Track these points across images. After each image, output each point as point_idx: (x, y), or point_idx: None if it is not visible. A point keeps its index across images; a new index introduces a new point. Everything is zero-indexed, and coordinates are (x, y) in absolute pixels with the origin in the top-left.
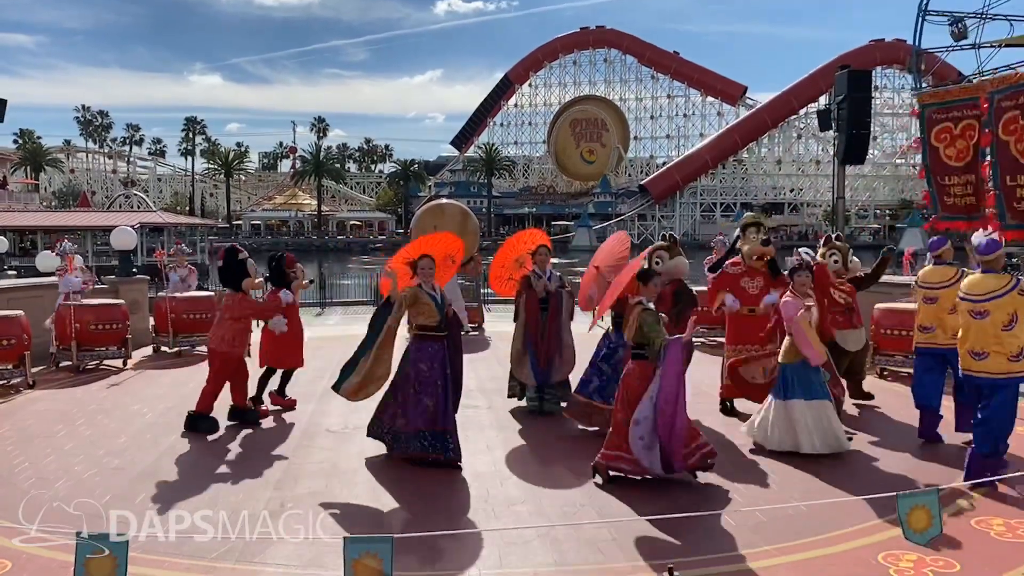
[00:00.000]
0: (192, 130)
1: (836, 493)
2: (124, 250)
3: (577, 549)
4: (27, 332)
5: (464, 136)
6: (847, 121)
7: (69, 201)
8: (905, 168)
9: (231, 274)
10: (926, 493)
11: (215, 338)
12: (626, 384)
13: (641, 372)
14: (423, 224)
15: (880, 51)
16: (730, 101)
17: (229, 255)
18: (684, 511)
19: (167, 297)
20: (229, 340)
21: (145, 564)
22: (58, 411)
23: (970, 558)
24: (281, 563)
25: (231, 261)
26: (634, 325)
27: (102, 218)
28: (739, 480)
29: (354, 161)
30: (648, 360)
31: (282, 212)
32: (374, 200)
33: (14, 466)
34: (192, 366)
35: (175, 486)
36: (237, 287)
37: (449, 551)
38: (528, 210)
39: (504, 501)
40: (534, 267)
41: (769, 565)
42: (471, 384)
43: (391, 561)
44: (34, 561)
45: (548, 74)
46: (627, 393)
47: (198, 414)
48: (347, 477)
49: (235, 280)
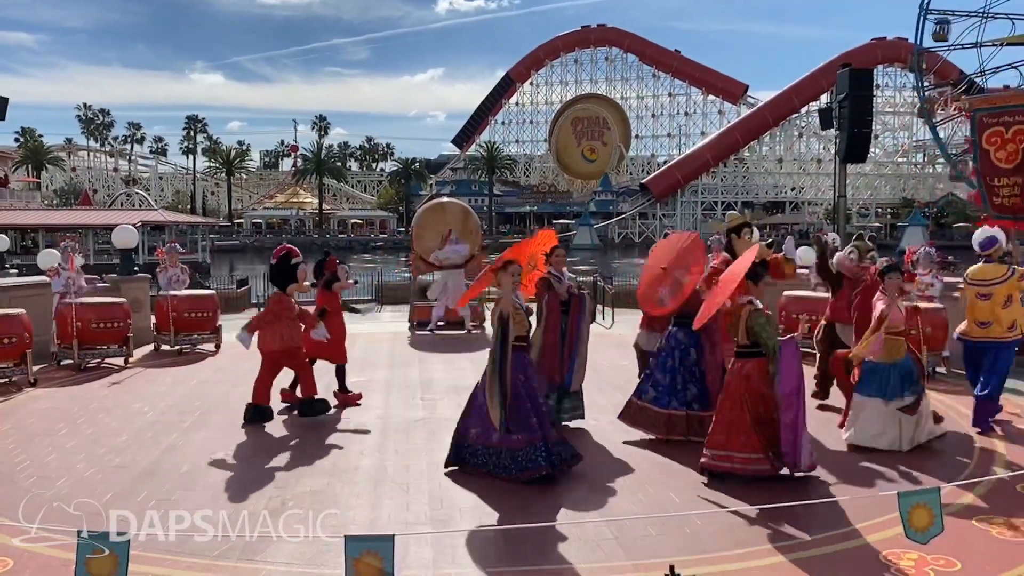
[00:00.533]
0: (193, 128)
1: (837, 492)
2: (126, 248)
3: (578, 548)
4: (28, 330)
5: (465, 134)
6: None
7: (71, 199)
8: (906, 167)
9: (282, 276)
10: (927, 492)
11: (264, 339)
12: (741, 382)
13: (752, 371)
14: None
15: (881, 49)
16: (731, 99)
17: (283, 258)
18: (685, 510)
19: (168, 296)
20: (279, 337)
21: (146, 562)
22: (59, 409)
23: (971, 557)
24: (282, 561)
25: (284, 264)
26: (744, 325)
27: (103, 216)
28: (740, 479)
29: (355, 160)
30: (760, 359)
31: (283, 211)
32: (375, 199)
33: (15, 464)
34: (193, 364)
35: (176, 484)
36: (284, 288)
37: (450, 549)
38: (529, 208)
39: (505, 500)
40: (549, 269)
41: (770, 564)
42: (472, 383)
43: (392, 559)
44: (35, 559)
45: (549, 72)
46: (743, 391)
47: (255, 406)
48: (348, 476)
49: (284, 282)
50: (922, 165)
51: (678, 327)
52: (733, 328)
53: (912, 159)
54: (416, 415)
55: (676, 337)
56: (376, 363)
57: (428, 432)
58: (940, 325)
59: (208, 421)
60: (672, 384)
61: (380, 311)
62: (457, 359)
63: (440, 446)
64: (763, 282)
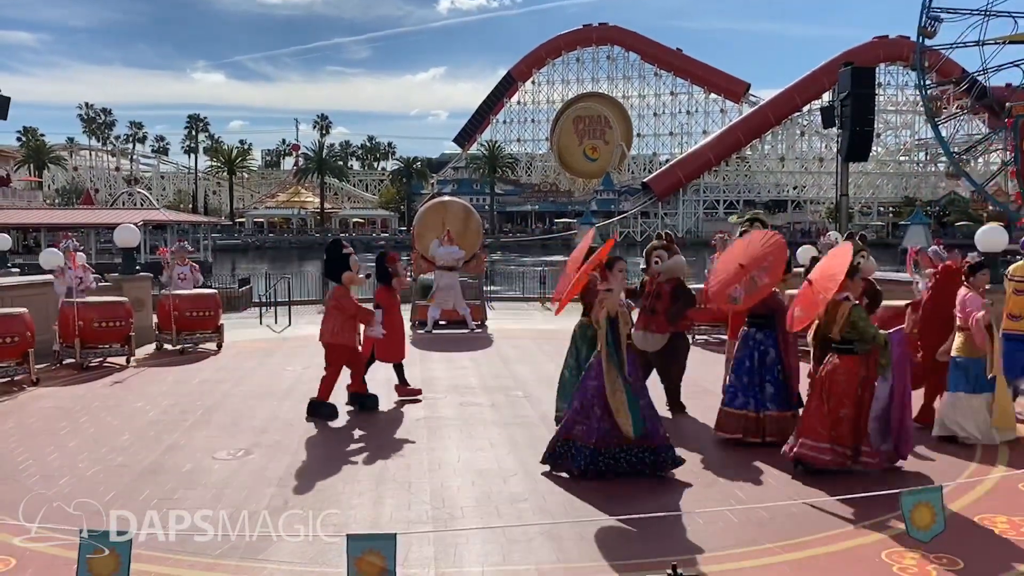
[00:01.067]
0: (195, 128)
1: (839, 490)
2: (127, 248)
3: (580, 547)
4: (31, 329)
5: (467, 134)
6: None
7: (72, 199)
8: (909, 165)
9: (334, 267)
10: (930, 490)
11: (325, 331)
12: (834, 378)
13: (851, 366)
14: (426, 221)
15: (883, 48)
16: (733, 98)
17: (333, 248)
18: (687, 509)
19: (170, 295)
20: (338, 331)
21: (148, 561)
22: (61, 408)
23: (973, 556)
24: (285, 560)
25: (335, 254)
26: (843, 321)
27: (105, 216)
28: (742, 478)
29: (357, 159)
30: (857, 354)
31: (285, 210)
32: (377, 198)
33: (18, 463)
34: (195, 363)
35: (179, 483)
36: (339, 280)
37: (453, 548)
38: (531, 208)
39: (507, 498)
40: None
41: (772, 563)
42: (473, 381)
43: (394, 558)
44: (39, 558)
45: (551, 71)
46: (835, 386)
47: (318, 401)
48: (350, 474)
49: (337, 273)
50: (924, 164)
51: (756, 328)
52: (827, 325)
53: (914, 158)
54: (417, 414)
55: (754, 338)
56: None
57: (429, 430)
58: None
59: (210, 420)
60: (750, 385)
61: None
62: (458, 358)
63: (441, 445)
64: (859, 278)
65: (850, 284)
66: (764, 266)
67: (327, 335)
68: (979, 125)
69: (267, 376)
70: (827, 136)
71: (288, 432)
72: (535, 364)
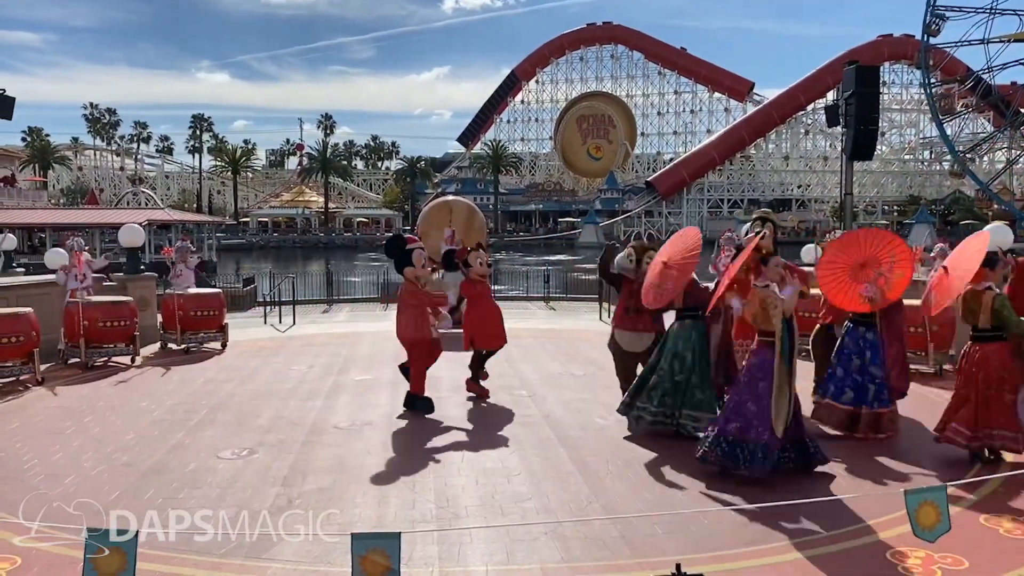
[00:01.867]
0: (199, 127)
1: (844, 490)
2: (132, 247)
3: (584, 546)
4: (36, 329)
5: (471, 133)
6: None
7: (77, 198)
8: (913, 164)
9: (397, 262)
10: (935, 489)
11: (402, 328)
12: (990, 365)
13: (1002, 352)
14: (431, 221)
15: (888, 46)
16: (737, 97)
17: (393, 244)
18: (690, 508)
19: (175, 294)
20: (413, 326)
21: (154, 560)
22: (66, 408)
23: (979, 555)
24: (289, 559)
25: (393, 250)
26: (989, 310)
27: (110, 215)
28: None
29: (361, 158)
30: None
31: (289, 209)
32: (381, 197)
33: (23, 463)
34: (200, 363)
35: (183, 483)
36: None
37: (457, 547)
38: (535, 207)
39: (511, 498)
40: None
41: (776, 562)
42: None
43: (399, 557)
44: (43, 557)
45: (555, 70)
46: (991, 372)
47: (415, 395)
48: (354, 473)
49: (400, 268)
50: (929, 162)
51: (864, 326)
52: (972, 314)
53: (919, 156)
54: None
55: (865, 336)
56: (382, 361)
57: (433, 429)
58: (948, 323)
59: (215, 419)
60: (856, 381)
61: (386, 309)
62: (461, 357)
63: (445, 444)
64: (999, 266)
65: (990, 273)
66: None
67: (408, 331)
68: (984, 123)
69: (272, 375)
70: (831, 135)
71: (292, 431)
72: (538, 363)
